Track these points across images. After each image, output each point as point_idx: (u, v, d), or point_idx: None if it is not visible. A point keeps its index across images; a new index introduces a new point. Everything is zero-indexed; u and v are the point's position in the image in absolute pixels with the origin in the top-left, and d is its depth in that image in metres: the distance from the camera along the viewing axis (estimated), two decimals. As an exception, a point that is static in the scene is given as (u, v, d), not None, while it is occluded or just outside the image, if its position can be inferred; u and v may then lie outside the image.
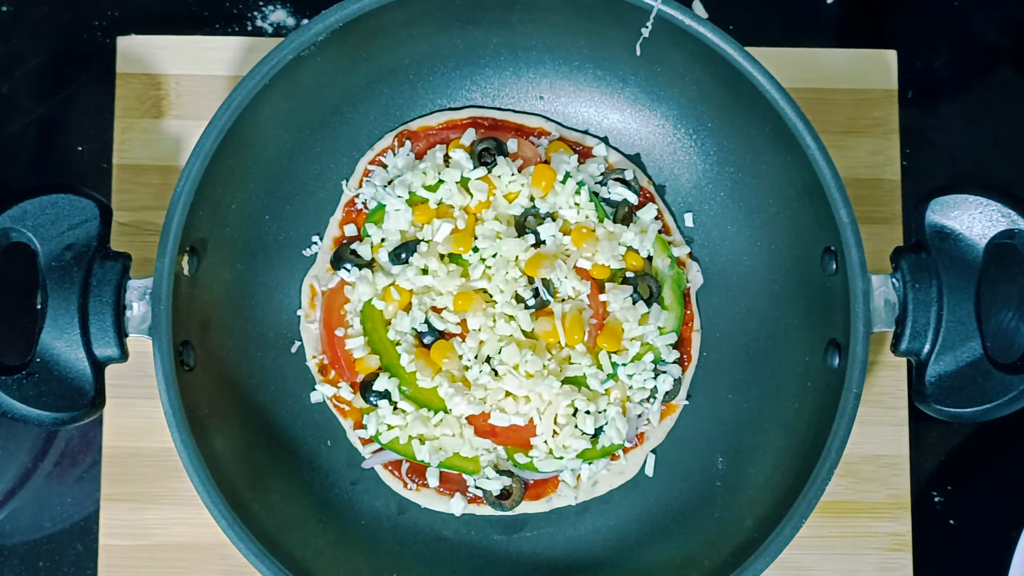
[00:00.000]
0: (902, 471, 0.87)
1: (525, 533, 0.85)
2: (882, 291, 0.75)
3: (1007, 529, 0.87)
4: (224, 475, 0.74)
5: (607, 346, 0.83)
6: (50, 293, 0.73)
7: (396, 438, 0.83)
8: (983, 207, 0.75)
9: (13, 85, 0.92)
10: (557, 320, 0.82)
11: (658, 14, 0.77)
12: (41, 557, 0.87)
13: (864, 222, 0.77)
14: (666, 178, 0.88)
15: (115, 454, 0.86)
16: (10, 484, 0.88)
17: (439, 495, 0.84)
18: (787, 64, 0.87)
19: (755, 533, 0.75)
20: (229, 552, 0.74)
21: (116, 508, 0.85)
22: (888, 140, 0.90)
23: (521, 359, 0.81)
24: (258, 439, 0.82)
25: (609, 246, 0.83)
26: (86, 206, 0.74)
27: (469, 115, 0.88)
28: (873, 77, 0.90)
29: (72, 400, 0.73)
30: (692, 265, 0.87)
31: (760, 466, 0.81)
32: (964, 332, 0.74)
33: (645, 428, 0.85)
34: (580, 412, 0.83)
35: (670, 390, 0.85)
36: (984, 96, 0.94)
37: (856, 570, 0.86)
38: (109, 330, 0.73)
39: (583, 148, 0.88)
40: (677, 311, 0.85)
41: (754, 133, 0.81)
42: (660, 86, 0.85)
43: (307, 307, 0.86)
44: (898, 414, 0.88)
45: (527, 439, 0.83)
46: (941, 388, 0.75)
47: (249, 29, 0.93)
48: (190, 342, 0.77)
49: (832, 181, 0.75)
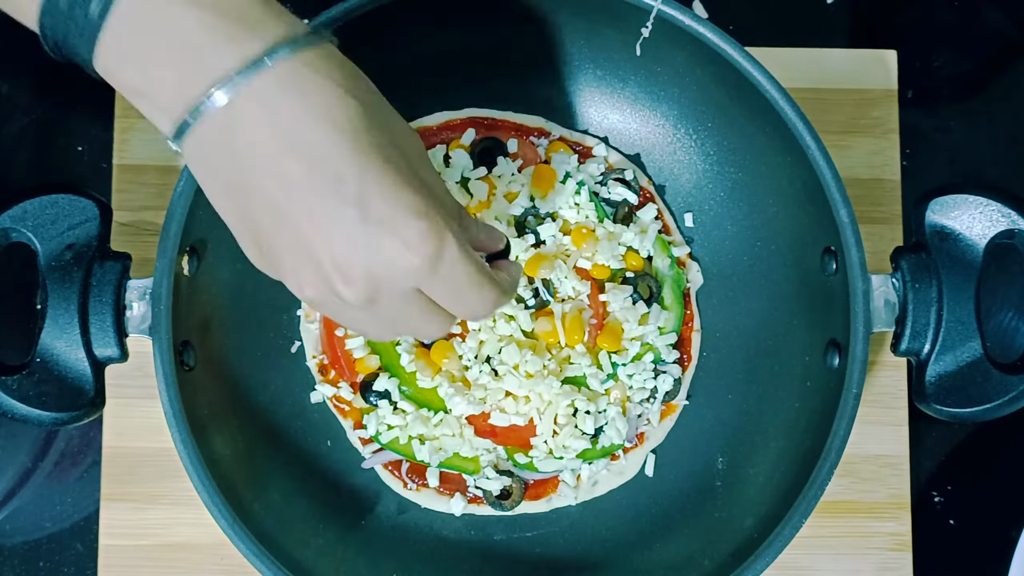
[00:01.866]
0: (902, 471, 0.87)
1: (525, 533, 0.85)
2: (882, 291, 0.75)
3: (1007, 529, 0.87)
4: (224, 475, 0.74)
5: (607, 346, 0.83)
6: (50, 293, 0.73)
7: (396, 438, 0.83)
8: (983, 207, 0.75)
9: (13, 85, 0.92)
10: (557, 320, 0.82)
11: (658, 14, 0.77)
12: (41, 557, 0.87)
13: (864, 222, 0.77)
14: (666, 178, 0.88)
15: (115, 454, 0.86)
16: (10, 484, 0.88)
17: (439, 495, 0.84)
18: (787, 64, 0.87)
19: (755, 533, 0.75)
20: (229, 552, 0.74)
21: (116, 508, 0.85)
22: (888, 140, 0.90)
23: (521, 359, 0.81)
24: (258, 439, 0.82)
25: (609, 246, 0.84)
26: (86, 206, 0.74)
27: (469, 115, 0.88)
28: (873, 77, 0.90)
29: (72, 400, 0.73)
30: (692, 265, 0.87)
31: (760, 466, 0.81)
32: (964, 332, 0.74)
33: (645, 428, 0.85)
34: (580, 412, 0.83)
35: (670, 390, 0.85)
36: (984, 96, 0.94)
37: (856, 570, 0.86)
38: (109, 330, 0.73)
39: (583, 148, 0.88)
40: (677, 311, 0.85)
41: (754, 133, 0.81)
42: (660, 86, 0.85)
43: (307, 307, 0.86)
44: (898, 414, 0.88)
45: (527, 439, 0.83)
46: (941, 388, 0.75)
47: None
48: (190, 342, 0.77)
49: (832, 181, 0.75)
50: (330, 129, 0.57)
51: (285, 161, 0.57)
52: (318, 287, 0.59)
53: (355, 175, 0.57)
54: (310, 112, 0.57)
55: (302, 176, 0.57)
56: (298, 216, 0.57)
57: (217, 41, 0.56)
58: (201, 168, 0.60)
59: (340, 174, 0.57)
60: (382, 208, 0.57)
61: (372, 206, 0.57)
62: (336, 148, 0.57)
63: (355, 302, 0.59)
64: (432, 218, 0.58)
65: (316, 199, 0.57)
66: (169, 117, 0.58)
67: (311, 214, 0.57)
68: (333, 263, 0.58)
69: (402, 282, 0.59)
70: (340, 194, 0.57)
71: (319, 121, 0.57)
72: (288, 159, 0.57)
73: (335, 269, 0.58)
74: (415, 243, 0.58)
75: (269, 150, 0.57)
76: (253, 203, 0.58)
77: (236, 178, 0.58)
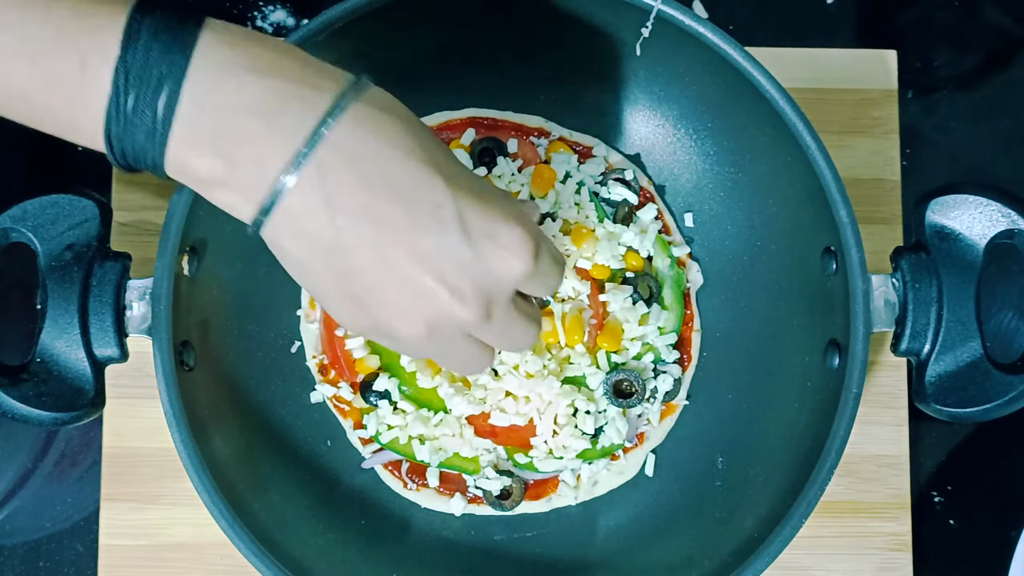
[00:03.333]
0: (902, 471, 0.87)
1: (525, 533, 0.85)
2: (882, 291, 0.75)
3: (1007, 529, 0.87)
4: (224, 475, 0.74)
5: (607, 346, 0.83)
6: (50, 293, 0.73)
7: (396, 438, 0.83)
8: (983, 207, 0.75)
9: (13, 85, 0.92)
10: (557, 320, 0.82)
11: (658, 14, 0.77)
12: (41, 557, 0.87)
13: (864, 222, 0.77)
14: (666, 178, 0.88)
15: (115, 454, 0.86)
16: (10, 484, 0.88)
17: (439, 495, 0.84)
18: (787, 64, 0.87)
19: (755, 533, 0.75)
20: (229, 552, 0.74)
21: (116, 508, 0.85)
22: (888, 140, 0.90)
23: (521, 359, 0.81)
24: (258, 439, 0.82)
25: (609, 246, 0.84)
26: (86, 206, 0.74)
27: (469, 115, 0.88)
28: (873, 77, 0.90)
29: (72, 400, 0.73)
30: (692, 265, 0.87)
31: (760, 466, 0.81)
32: (964, 332, 0.74)
33: (645, 428, 0.85)
34: (580, 412, 0.83)
35: (670, 390, 0.85)
36: (984, 96, 0.94)
37: (856, 570, 0.86)
38: (109, 330, 0.73)
39: (583, 148, 0.88)
40: (677, 311, 0.85)
41: (754, 133, 0.81)
42: (660, 86, 0.85)
43: (307, 307, 0.86)
44: (898, 414, 0.88)
45: (527, 439, 0.83)
46: (941, 388, 0.75)
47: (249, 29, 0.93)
48: (190, 342, 0.77)
49: (832, 181, 0.75)
50: (412, 162, 0.58)
51: (378, 204, 0.57)
52: (434, 319, 0.60)
53: (450, 199, 0.58)
54: (388, 151, 0.58)
55: (402, 215, 0.57)
56: (404, 254, 0.58)
57: (288, 104, 0.57)
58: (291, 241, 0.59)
59: (436, 202, 0.58)
60: (481, 223, 0.59)
61: (472, 224, 0.59)
62: (423, 179, 0.58)
63: (473, 320, 0.60)
64: (522, 220, 0.60)
65: (419, 233, 0.58)
66: (252, 199, 0.58)
67: (416, 248, 0.58)
68: (448, 288, 0.59)
69: (510, 287, 0.61)
70: (440, 220, 0.58)
71: (400, 158, 0.58)
72: (381, 202, 0.57)
73: (451, 294, 0.59)
74: (518, 247, 0.60)
75: (362, 200, 0.57)
76: (353, 258, 0.58)
77: (332, 236, 0.58)
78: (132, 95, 0.56)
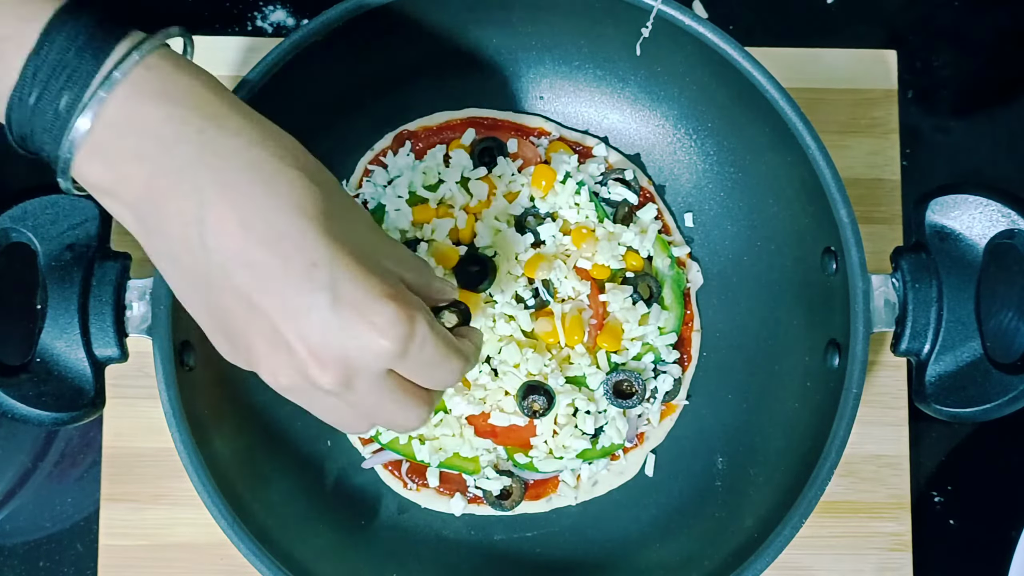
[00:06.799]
0: (902, 471, 0.87)
1: (525, 533, 0.85)
2: (882, 291, 0.75)
3: (1007, 529, 0.87)
4: (224, 475, 0.74)
5: (607, 346, 0.83)
6: (50, 293, 0.73)
7: (396, 438, 0.83)
8: (983, 207, 0.75)
9: (13, 85, 0.92)
10: (557, 320, 0.82)
11: (658, 14, 0.77)
12: (41, 557, 0.87)
13: (864, 222, 0.77)
14: (666, 178, 0.88)
15: (115, 454, 0.86)
16: (10, 484, 0.88)
17: (439, 495, 0.84)
18: (787, 64, 0.87)
19: (755, 533, 0.75)
20: (229, 552, 0.74)
21: (116, 508, 0.85)
22: (888, 140, 0.90)
23: (521, 359, 0.81)
24: (258, 439, 0.82)
25: (609, 246, 0.83)
26: (86, 206, 0.74)
27: (469, 115, 0.88)
28: (873, 77, 0.90)
29: (72, 400, 0.73)
30: (692, 265, 0.87)
31: (760, 466, 0.81)
32: (964, 332, 0.74)
33: (645, 428, 0.85)
34: (580, 412, 0.83)
35: (670, 390, 0.85)
36: (984, 96, 0.94)
37: (856, 570, 0.86)
38: (109, 330, 0.73)
39: (583, 148, 0.88)
40: (677, 311, 0.85)
41: (754, 133, 0.81)
42: (660, 86, 0.85)
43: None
44: (898, 414, 0.88)
45: (527, 439, 0.83)
46: (941, 388, 0.75)
47: (249, 29, 0.93)
48: (190, 342, 0.77)
49: (832, 181, 0.75)
50: (300, 218, 0.57)
51: (256, 252, 0.57)
52: (292, 375, 0.59)
53: (327, 261, 0.57)
54: (278, 202, 0.57)
55: (276, 266, 0.57)
56: (271, 305, 0.57)
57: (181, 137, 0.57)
58: (168, 266, 0.60)
59: (313, 261, 0.57)
60: (353, 293, 0.57)
61: (343, 291, 0.57)
62: (307, 237, 0.57)
63: (330, 387, 0.59)
64: (401, 301, 0.59)
65: (290, 287, 0.57)
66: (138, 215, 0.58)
67: (284, 302, 0.57)
68: (307, 349, 0.58)
69: (375, 365, 0.59)
70: (312, 280, 0.57)
71: (289, 211, 0.57)
72: (259, 250, 0.57)
73: (309, 355, 0.58)
74: (386, 327, 0.58)
75: (239, 243, 0.57)
76: (223, 297, 0.58)
77: (205, 272, 0.58)
78: (36, 91, 0.57)
